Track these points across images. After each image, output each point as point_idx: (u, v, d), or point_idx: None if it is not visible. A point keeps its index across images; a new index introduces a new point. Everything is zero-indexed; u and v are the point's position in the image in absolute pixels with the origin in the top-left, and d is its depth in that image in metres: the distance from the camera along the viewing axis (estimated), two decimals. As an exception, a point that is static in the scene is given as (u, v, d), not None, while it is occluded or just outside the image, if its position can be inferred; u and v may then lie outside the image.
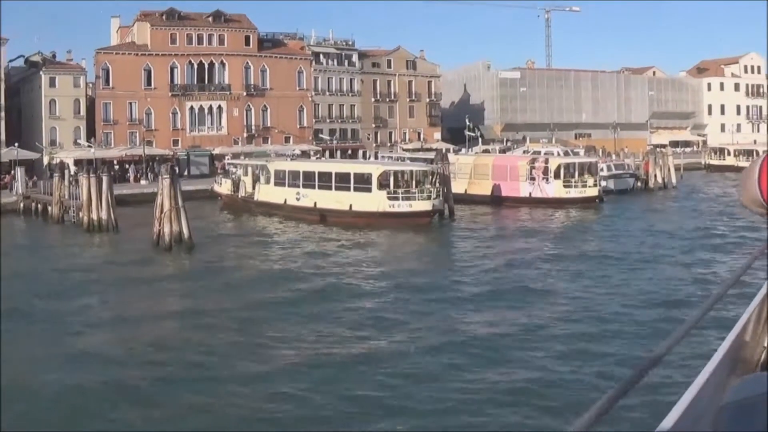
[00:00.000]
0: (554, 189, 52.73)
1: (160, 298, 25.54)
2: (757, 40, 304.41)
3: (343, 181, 45.47)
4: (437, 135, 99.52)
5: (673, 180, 68.24)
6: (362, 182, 44.46)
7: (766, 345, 1.91)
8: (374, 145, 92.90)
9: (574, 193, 52.70)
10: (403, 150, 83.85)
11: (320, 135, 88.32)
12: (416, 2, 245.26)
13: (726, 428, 1.50)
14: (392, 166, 47.69)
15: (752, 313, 1.94)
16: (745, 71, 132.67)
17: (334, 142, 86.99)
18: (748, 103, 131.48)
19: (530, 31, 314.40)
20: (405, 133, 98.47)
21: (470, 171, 57.33)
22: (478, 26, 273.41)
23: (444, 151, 67.88)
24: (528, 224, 44.56)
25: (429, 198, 43.21)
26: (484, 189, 55.45)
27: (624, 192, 61.58)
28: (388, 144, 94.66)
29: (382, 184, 43.81)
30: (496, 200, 54.21)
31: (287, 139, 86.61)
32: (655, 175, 66.64)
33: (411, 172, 45.71)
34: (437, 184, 45.21)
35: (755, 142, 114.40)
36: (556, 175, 53.05)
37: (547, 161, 55.41)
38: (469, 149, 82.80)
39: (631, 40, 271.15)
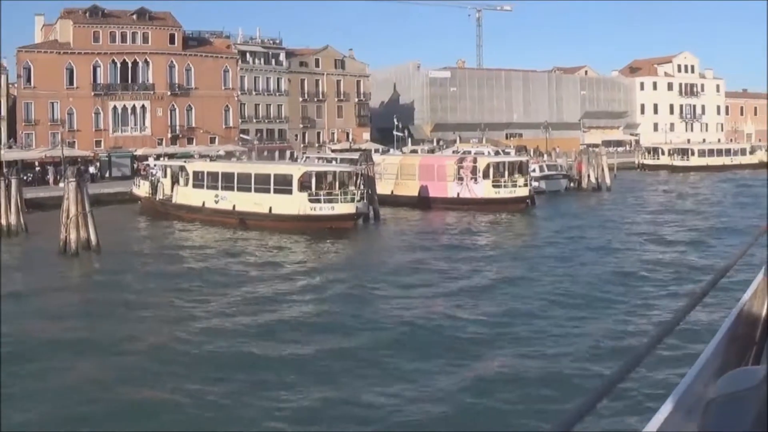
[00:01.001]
0: (483, 189, 53.63)
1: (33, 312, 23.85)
2: (690, 39, 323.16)
3: (262, 182, 45.62)
4: (366, 135, 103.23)
5: (607, 180, 69.59)
6: (282, 184, 44.60)
7: (756, 341, 2.09)
8: (302, 145, 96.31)
9: (503, 193, 53.62)
10: (332, 151, 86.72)
11: (242, 136, 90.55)
12: (345, 1, 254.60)
13: (714, 422, 1.63)
14: (314, 167, 48.02)
15: (742, 309, 2.13)
16: (679, 70, 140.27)
17: (256, 142, 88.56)
18: (682, 102, 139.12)
19: (461, 30, 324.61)
20: (333, 134, 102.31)
21: (397, 171, 58.60)
22: (409, 25, 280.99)
23: (369, 151, 69.64)
24: (452, 227, 45.03)
25: (352, 200, 43.48)
26: (410, 190, 56.54)
27: (556, 193, 63.35)
28: (317, 145, 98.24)
29: (304, 186, 43.88)
30: (424, 201, 55.09)
31: (212, 140, 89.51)
32: (588, 176, 68.33)
33: (334, 173, 45.99)
34: (361, 186, 45.56)
35: (689, 141, 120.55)
36: (485, 175, 53.98)
37: (475, 160, 56.22)
38: (399, 150, 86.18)
39: (564, 39, 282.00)
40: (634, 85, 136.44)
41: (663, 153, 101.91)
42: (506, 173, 54.65)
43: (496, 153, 74.05)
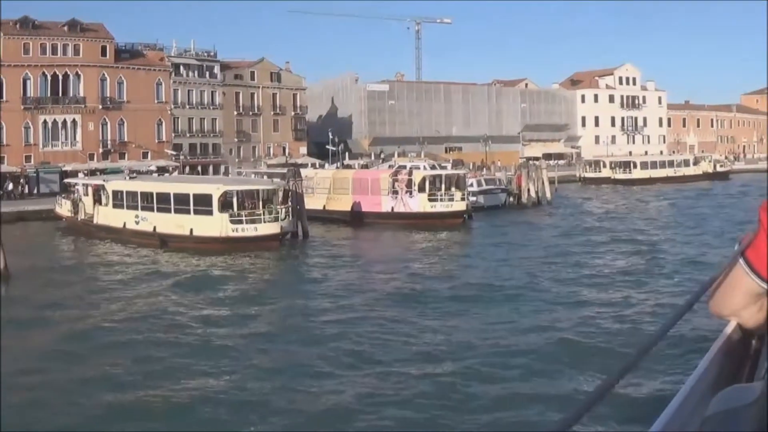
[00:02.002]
0: (418, 203, 54.44)
1: None
2: (632, 51, 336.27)
3: (182, 202, 44.63)
4: (303, 149, 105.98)
5: (548, 194, 71.10)
6: (202, 204, 43.68)
7: (750, 356, 2.08)
8: (237, 160, 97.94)
9: (439, 207, 54.47)
10: (268, 165, 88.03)
11: (166, 151, 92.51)
12: (282, 13, 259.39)
13: None
14: (234, 186, 46.57)
15: (736, 324, 2.08)
16: (620, 83, 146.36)
17: (181, 157, 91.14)
18: (624, 115, 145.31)
19: (400, 43, 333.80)
20: (269, 148, 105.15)
21: (329, 186, 59.42)
22: (347, 38, 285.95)
23: (297, 167, 75.54)
24: (383, 244, 45.68)
25: (276, 219, 43.06)
26: (343, 205, 57.32)
27: (495, 208, 64.20)
28: (252, 159, 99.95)
29: (224, 206, 43.17)
30: (357, 216, 55.82)
31: (145, 155, 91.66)
32: (528, 190, 69.37)
33: (257, 191, 45.15)
34: (288, 203, 45.61)
35: (630, 153, 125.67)
36: (421, 189, 54.80)
37: (410, 174, 56.68)
38: (337, 164, 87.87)
39: (504, 52, 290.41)
40: (575, 97, 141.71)
41: (605, 166, 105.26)
42: (443, 187, 55.48)
43: (432, 167, 74.07)
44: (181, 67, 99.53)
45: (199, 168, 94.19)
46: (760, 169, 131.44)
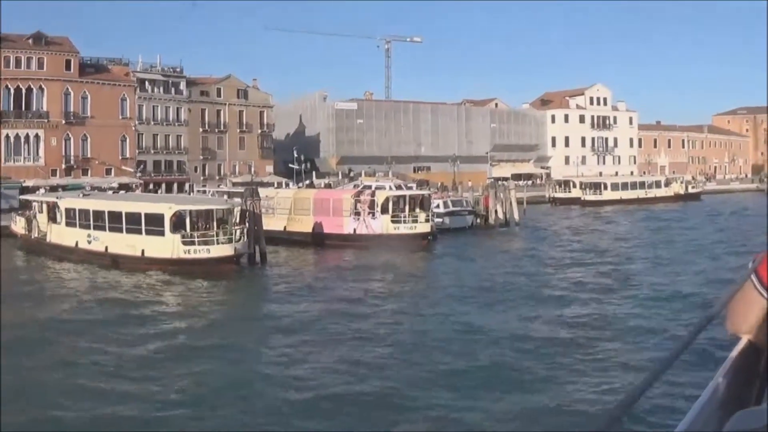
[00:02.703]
0: (381, 225, 53.57)
1: None
2: (603, 71, 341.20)
3: (133, 222, 43.59)
4: (270, 168, 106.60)
5: (516, 216, 70.18)
6: (154, 223, 42.44)
7: (760, 374, 2.09)
8: (202, 178, 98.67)
9: (403, 229, 53.61)
10: (233, 184, 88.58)
11: (124, 168, 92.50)
12: (251, 29, 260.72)
13: None
14: (187, 205, 45.06)
15: (747, 342, 2.10)
16: (591, 103, 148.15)
17: (138, 174, 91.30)
18: (594, 135, 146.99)
19: (370, 61, 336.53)
20: (235, 166, 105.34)
21: (290, 206, 58.00)
22: (317, 56, 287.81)
23: (265, 184, 72.49)
24: (343, 268, 44.12)
25: (231, 241, 41.44)
26: (304, 226, 56.15)
27: (462, 230, 63.67)
28: (217, 177, 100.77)
29: (176, 226, 41.67)
30: (318, 238, 54.65)
31: (108, 171, 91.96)
32: (496, 211, 68.65)
33: (211, 211, 43.75)
34: (246, 224, 44.34)
35: (601, 174, 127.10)
36: (384, 210, 53.83)
37: (373, 195, 55.93)
38: (300, 183, 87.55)
39: (474, 71, 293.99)
40: (545, 117, 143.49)
41: (575, 186, 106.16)
42: (407, 208, 54.69)
43: (398, 187, 74.41)
44: (147, 83, 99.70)
45: (164, 186, 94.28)
46: (732, 189, 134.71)
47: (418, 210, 55.23)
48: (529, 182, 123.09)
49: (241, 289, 39.20)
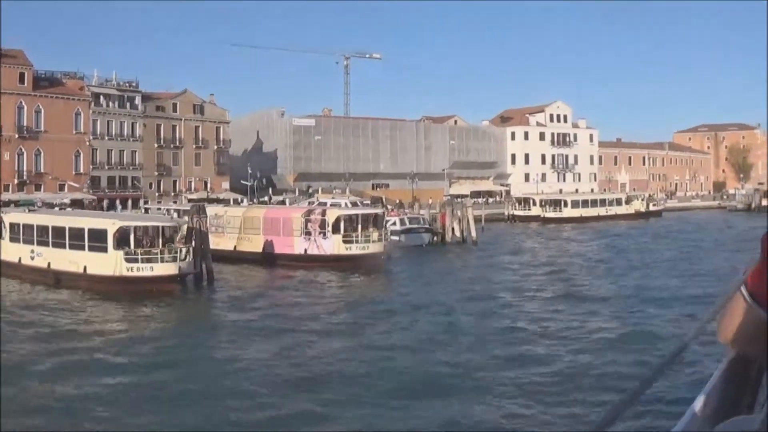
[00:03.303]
0: (333, 245, 52.03)
1: None
2: (564, 89, 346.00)
3: (77, 238, 42.70)
4: (226, 184, 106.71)
5: (473, 233, 69.21)
6: (97, 240, 41.42)
7: (750, 385, 2.11)
8: (157, 194, 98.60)
9: (355, 249, 51.98)
10: (188, 200, 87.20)
11: (71, 182, 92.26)
12: (208, 45, 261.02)
13: None
14: (131, 221, 44.34)
15: (736, 354, 2.12)
16: (551, 120, 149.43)
17: (84, 190, 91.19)
18: (554, 152, 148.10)
19: (330, 78, 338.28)
20: (191, 182, 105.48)
21: (240, 225, 56.79)
22: (275, 72, 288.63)
23: (220, 201, 72.53)
24: (289, 291, 42.36)
25: (175, 259, 40.41)
26: (254, 245, 54.78)
27: (419, 248, 63.19)
28: (173, 194, 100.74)
29: (120, 243, 40.65)
30: (269, 258, 53.19)
31: (62, 187, 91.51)
32: (453, 229, 68.72)
33: (157, 228, 42.93)
34: (192, 242, 43.39)
35: (561, 191, 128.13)
36: (335, 230, 52.18)
37: (324, 213, 54.28)
38: (252, 200, 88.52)
39: (434, 88, 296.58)
40: (504, 134, 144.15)
41: (534, 204, 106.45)
42: (359, 227, 53.30)
43: (354, 204, 75.12)
44: (102, 97, 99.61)
45: (118, 202, 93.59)
46: (694, 207, 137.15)
47: (371, 229, 53.83)
48: (489, 199, 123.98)
49: (180, 312, 37.51)
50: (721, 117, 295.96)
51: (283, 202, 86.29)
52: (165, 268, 40.36)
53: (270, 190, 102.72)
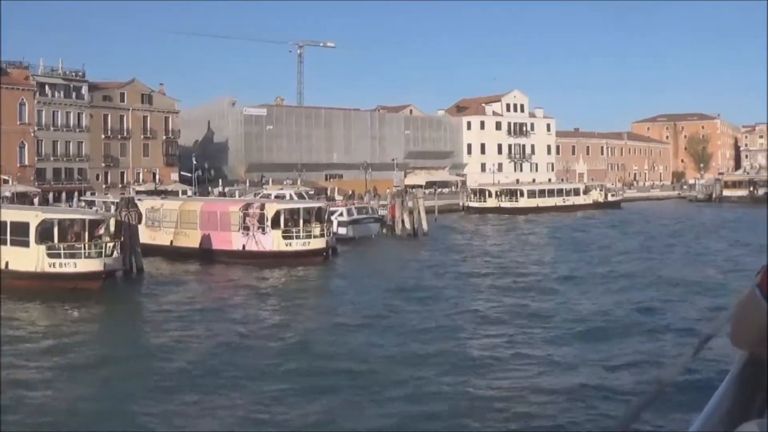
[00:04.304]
0: (272, 240, 50.05)
1: None
2: (521, 78, 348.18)
3: None
4: (175, 176, 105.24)
5: (424, 225, 68.56)
6: (19, 233, 39.47)
7: (764, 388, 2.09)
8: (104, 186, 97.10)
9: (296, 245, 50.00)
10: (136, 192, 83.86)
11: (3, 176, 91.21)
12: (158, 33, 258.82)
13: None
14: (55, 214, 42.79)
15: (750, 353, 2.12)
16: (508, 109, 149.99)
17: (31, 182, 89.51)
18: (511, 142, 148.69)
19: (283, 67, 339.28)
20: (139, 174, 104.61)
21: (177, 219, 54.54)
22: (228, 61, 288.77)
23: (132, 197, 73.28)
24: (228, 292, 40.02)
25: (100, 255, 38.50)
26: (191, 240, 52.62)
27: (367, 239, 62.30)
28: (120, 185, 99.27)
29: (43, 237, 38.99)
30: (206, 254, 51.13)
31: (5, 180, 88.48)
32: (403, 220, 67.58)
33: (83, 221, 40.80)
34: (121, 236, 41.42)
35: (518, 181, 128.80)
36: (275, 224, 50.22)
37: (263, 207, 52.05)
38: (192, 191, 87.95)
39: (389, 77, 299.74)
40: (460, 124, 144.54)
41: (490, 194, 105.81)
42: (300, 221, 51.40)
43: (299, 196, 73.93)
44: (47, 87, 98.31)
45: (64, 194, 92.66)
46: (653, 197, 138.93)
47: (314, 223, 51.79)
48: (445, 190, 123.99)
49: (100, 312, 35.20)
50: (680, 107, 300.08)
51: (223, 194, 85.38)
52: (89, 264, 38.41)
53: (220, 181, 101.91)
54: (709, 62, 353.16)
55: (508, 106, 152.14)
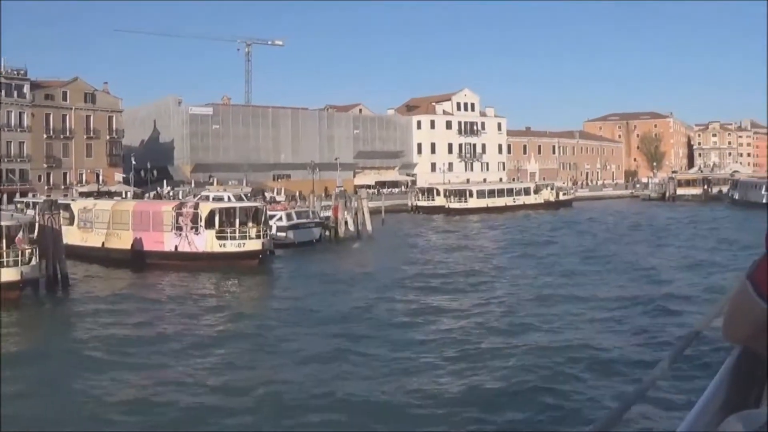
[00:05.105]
0: (205, 241, 49.16)
1: None
2: (472, 77, 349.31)
3: None
4: (119, 176, 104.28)
5: (369, 227, 68.02)
6: None
7: (757, 380, 2.13)
8: (47, 187, 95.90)
9: (230, 246, 48.96)
10: (80, 193, 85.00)
11: None
12: (104, 31, 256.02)
13: None
14: None
15: (743, 350, 2.15)
16: (459, 108, 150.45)
17: None
18: (461, 141, 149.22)
19: (231, 65, 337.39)
20: (82, 175, 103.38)
21: (109, 220, 53.51)
22: (175, 59, 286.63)
23: (112, 193, 71.22)
24: (157, 298, 38.57)
25: (16, 263, 36.64)
26: (123, 242, 51.59)
27: (309, 244, 60.44)
28: (63, 186, 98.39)
29: None
30: (138, 256, 49.89)
31: None
32: (346, 222, 66.27)
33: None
34: (43, 242, 40.00)
35: (468, 181, 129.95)
36: (209, 224, 49.21)
37: (197, 207, 51.37)
38: (127, 192, 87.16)
39: (338, 76, 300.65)
40: (410, 123, 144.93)
41: (438, 194, 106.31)
42: (236, 222, 50.22)
43: (238, 197, 72.33)
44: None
45: (4, 197, 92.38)
46: (605, 196, 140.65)
47: (250, 224, 50.56)
48: (395, 190, 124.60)
49: (16, 327, 32.63)
50: (633, 106, 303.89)
51: (158, 196, 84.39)
52: (6, 274, 36.25)
53: (164, 182, 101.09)
54: (661, 61, 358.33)
55: (458, 105, 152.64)
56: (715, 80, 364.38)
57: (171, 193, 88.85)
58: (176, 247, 49.94)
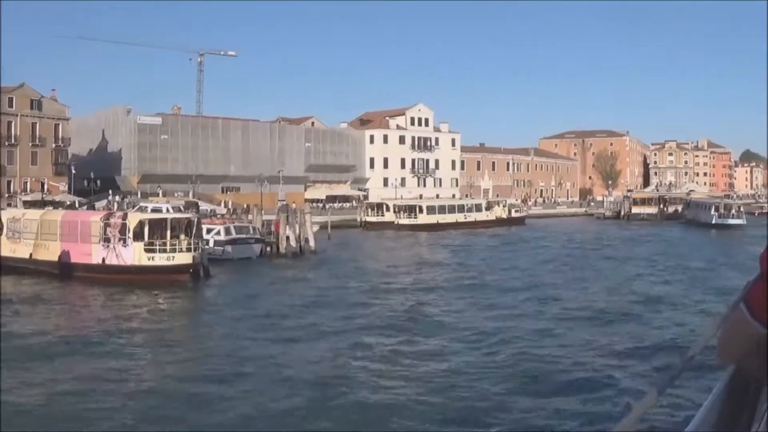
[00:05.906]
0: (133, 254, 47.48)
1: None
2: (426, 92, 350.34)
3: None
4: (64, 186, 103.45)
5: (312, 243, 66.22)
6: None
7: (749, 402, 2.15)
8: None
9: (159, 259, 47.44)
10: (24, 203, 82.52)
11: None
12: (51, 38, 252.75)
13: None
14: None
15: (736, 372, 2.17)
16: (412, 123, 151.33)
17: None
18: (414, 156, 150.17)
19: (183, 75, 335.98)
20: (26, 183, 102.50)
21: (37, 230, 52.38)
22: (125, 68, 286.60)
23: (56, 203, 69.49)
24: (70, 318, 36.43)
25: None
26: (51, 253, 50.46)
27: (248, 260, 58.85)
28: (6, 195, 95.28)
29: None
30: (65, 268, 48.91)
31: None
32: (288, 238, 64.59)
33: None
34: None
35: (421, 197, 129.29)
36: (138, 236, 47.59)
37: (125, 217, 49.49)
38: (103, 202, 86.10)
39: (290, 88, 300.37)
40: (363, 137, 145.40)
41: (388, 209, 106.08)
42: (168, 234, 48.28)
43: (177, 209, 63.32)
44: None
45: None
46: (560, 213, 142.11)
47: (182, 237, 48.53)
48: (346, 204, 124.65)
49: None
50: (588, 124, 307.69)
51: (92, 206, 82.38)
52: None
53: (110, 192, 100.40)
54: (618, 79, 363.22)
55: (412, 120, 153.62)
56: (672, 99, 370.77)
57: (116, 204, 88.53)
58: (104, 260, 48.29)
